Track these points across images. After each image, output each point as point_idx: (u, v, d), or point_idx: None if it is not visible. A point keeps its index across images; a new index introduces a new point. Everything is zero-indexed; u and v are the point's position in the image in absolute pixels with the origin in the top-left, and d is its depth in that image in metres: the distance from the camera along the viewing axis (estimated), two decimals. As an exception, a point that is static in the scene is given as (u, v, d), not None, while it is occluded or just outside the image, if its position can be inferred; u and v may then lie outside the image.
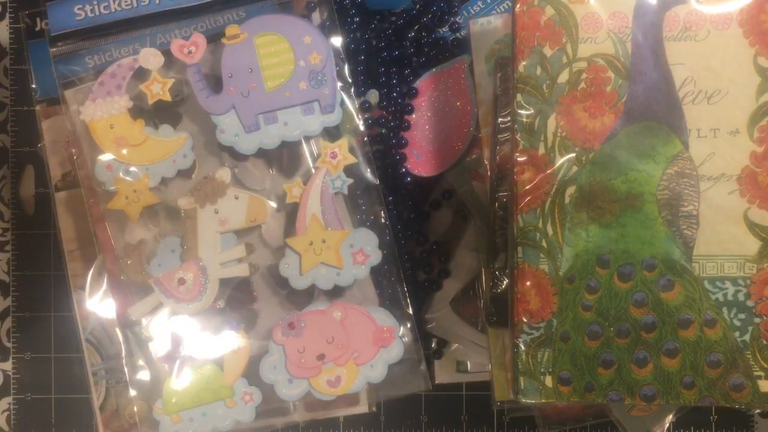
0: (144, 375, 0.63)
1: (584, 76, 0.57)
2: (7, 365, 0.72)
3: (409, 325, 0.63)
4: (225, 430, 0.62)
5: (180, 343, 0.62)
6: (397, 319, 0.63)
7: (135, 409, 0.63)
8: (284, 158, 0.65)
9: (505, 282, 0.62)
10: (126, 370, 0.63)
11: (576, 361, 0.57)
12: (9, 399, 0.72)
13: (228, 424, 0.62)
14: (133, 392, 0.63)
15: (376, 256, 0.62)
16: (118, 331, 0.64)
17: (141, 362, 0.63)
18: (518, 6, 0.57)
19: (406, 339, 0.63)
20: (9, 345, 0.72)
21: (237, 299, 0.64)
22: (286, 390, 0.62)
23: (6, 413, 0.72)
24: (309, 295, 0.64)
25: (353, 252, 0.62)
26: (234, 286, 0.64)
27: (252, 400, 0.62)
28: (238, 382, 0.62)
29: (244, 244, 0.63)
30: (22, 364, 0.72)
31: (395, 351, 0.62)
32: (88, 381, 0.67)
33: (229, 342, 0.62)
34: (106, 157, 0.62)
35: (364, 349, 0.62)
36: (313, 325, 0.62)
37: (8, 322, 0.72)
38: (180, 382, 0.62)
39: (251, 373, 0.62)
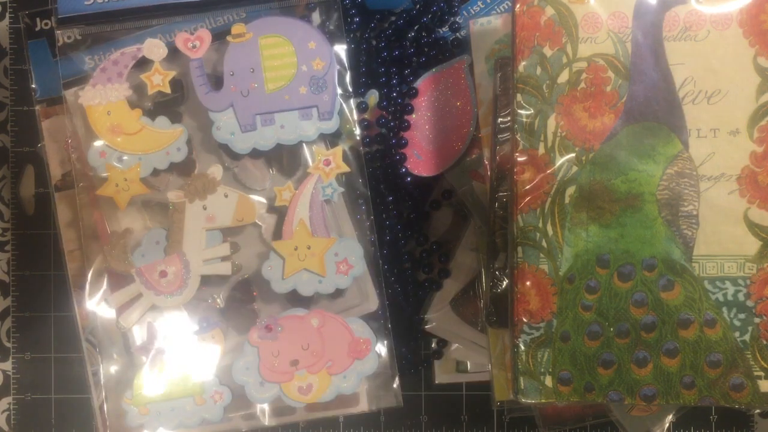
0: (117, 365, 0.63)
1: (584, 76, 0.57)
2: (7, 365, 0.72)
3: (386, 342, 0.63)
4: (192, 427, 0.62)
5: (155, 335, 0.62)
6: (375, 333, 0.62)
7: (104, 395, 0.63)
8: (284, 159, 0.65)
9: (505, 282, 0.62)
10: (100, 358, 0.63)
11: (576, 361, 0.57)
12: (9, 399, 0.72)
13: (195, 421, 0.62)
14: (103, 380, 0.63)
15: (359, 267, 0.62)
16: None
17: (115, 353, 0.63)
18: (518, 6, 0.57)
19: (382, 354, 0.63)
20: (9, 345, 0.72)
21: (237, 299, 0.64)
22: (257, 393, 0.61)
23: (6, 413, 0.72)
24: (309, 296, 0.64)
25: (337, 261, 0.62)
26: (234, 286, 0.64)
27: (221, 399, 0.62)
28: (208, 380, 0.62)
29: (228, 243, 0.63)
30: (22, 364, 0.72)
31: (369, 364, 0.62)
32: (88, 381, 0.67)
33: (203, 339, 0.62)
34: (100, 143, 0.62)
35: (338, 359, 0.62)
36: (290, 330, 0.62)
37: (8, 322, 0.72)
38: (151, 375, 0.62)
39: (223, 372, 0.62)
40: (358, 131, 0.65)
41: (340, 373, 0.62)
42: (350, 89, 0.64)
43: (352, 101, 0.65)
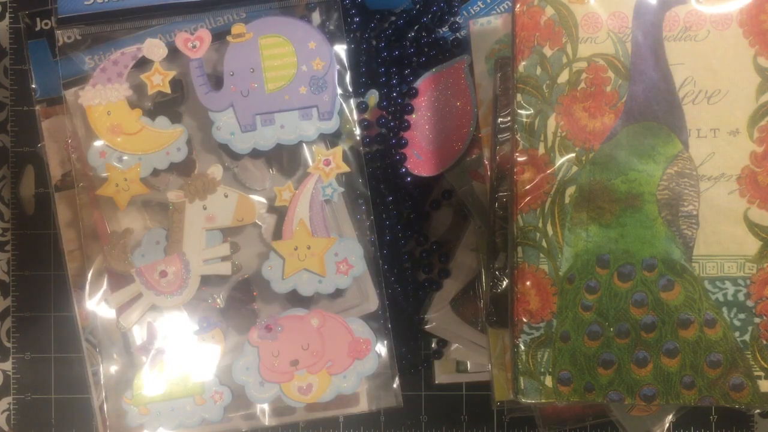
0: (117, 365, 0.64)
1: (584, 76, 0.57)
2: (7, 365, 0.72)
3: (386, 342, 0.63)
4: (192, 427, 0.62)
5: (155, 335, 0.62)
6: (375, 333, 0.62)
7: (104, 395, 0.63)
8: (284, 159, 0.65)
9: (505, 282, 0.62)
10: (100, 358, 0.64)
11: (576, 361, 0.57)
12: (9, 399, 0.72)
13: (195, 421, 0.62)
14: (103, 380, 0.63)
15: (359, 267, 0.62)
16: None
17: (115, 353, 0.63)
18: (518, 6, 0.57)
19: (382, 354, 0.63)
20: (9, 345, 0.72)
21: (237, 299, 0.64)
22: (257, 393, 0.61)
23: (6, 413, 0.72)
24: (309, 296, 0.64)
25: (337, 261, 0.62)
26: (234, 286, 0.64)
27: (221, 399, 0.62)
28: (208, 380, 0.62)
29: (228, 243, 0.63)
30: (22, 364, 0.72)
31: (369, 364, 0.62)
32: (88, 381, 0.67)
33: (203, 339, 0.62)
34: (100, 143, 0.62)
35: (338, 359, 0.62)
36: (290, 330, 0.62)
37: (8, 322, 0.72)
38: (151, 375, 0.62)
39: (223, 372, 0.62)
40: (358, 131, 0.65)
41: (340, 373, 0.62)
42: (350, 89, 0.64)
43: (352, 101, 0.65)
